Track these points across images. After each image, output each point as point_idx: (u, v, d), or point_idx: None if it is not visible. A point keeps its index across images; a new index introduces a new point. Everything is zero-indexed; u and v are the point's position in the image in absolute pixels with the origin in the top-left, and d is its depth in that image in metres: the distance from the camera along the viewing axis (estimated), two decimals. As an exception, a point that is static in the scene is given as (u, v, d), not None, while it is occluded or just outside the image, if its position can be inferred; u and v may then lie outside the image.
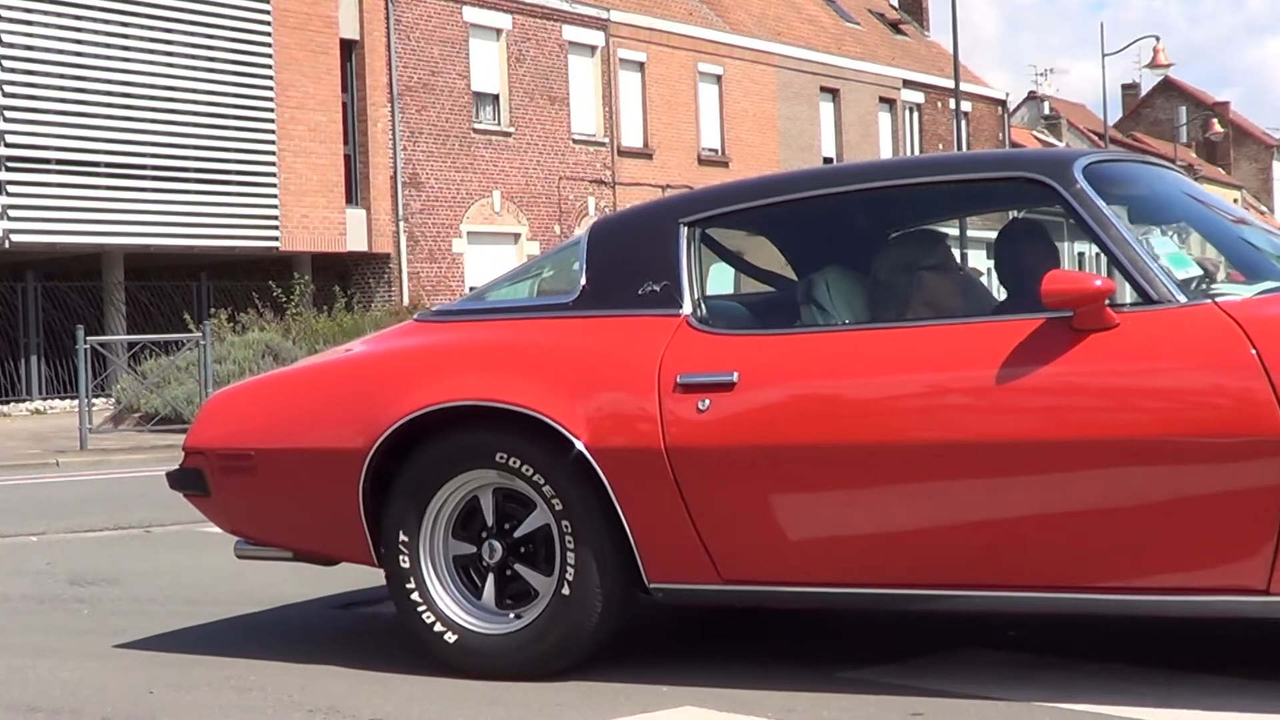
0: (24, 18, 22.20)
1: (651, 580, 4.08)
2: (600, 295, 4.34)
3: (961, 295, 4.43)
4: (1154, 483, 3.54)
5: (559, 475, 4.09)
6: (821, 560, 3.90)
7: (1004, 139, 45.28)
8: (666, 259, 4.28)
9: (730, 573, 4.00)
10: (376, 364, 4.62)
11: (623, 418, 4.05)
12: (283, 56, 25.44)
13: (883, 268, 4.47)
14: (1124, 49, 45.53)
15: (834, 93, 38.45)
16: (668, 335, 4.12)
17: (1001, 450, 3.64)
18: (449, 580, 4.33)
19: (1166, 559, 3.57)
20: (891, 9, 45.68)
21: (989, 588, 3.75)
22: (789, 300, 4.47)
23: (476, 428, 4.22)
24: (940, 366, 3.79)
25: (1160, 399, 3.54)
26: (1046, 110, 63.07)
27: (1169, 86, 69.84)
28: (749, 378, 3.94)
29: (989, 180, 4.28)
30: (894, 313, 4.28)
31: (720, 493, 3.96)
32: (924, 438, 3.73)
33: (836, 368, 3.91)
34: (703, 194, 4.56)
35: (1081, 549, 3.63)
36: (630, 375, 4.08)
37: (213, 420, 4.82)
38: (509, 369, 4.24)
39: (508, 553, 4.26)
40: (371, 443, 4.29)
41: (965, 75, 37.92)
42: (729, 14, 36.58)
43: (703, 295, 4.24)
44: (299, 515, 4.63)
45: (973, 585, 3.77)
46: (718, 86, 34.92)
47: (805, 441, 3.85)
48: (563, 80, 30.83)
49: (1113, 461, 3.56)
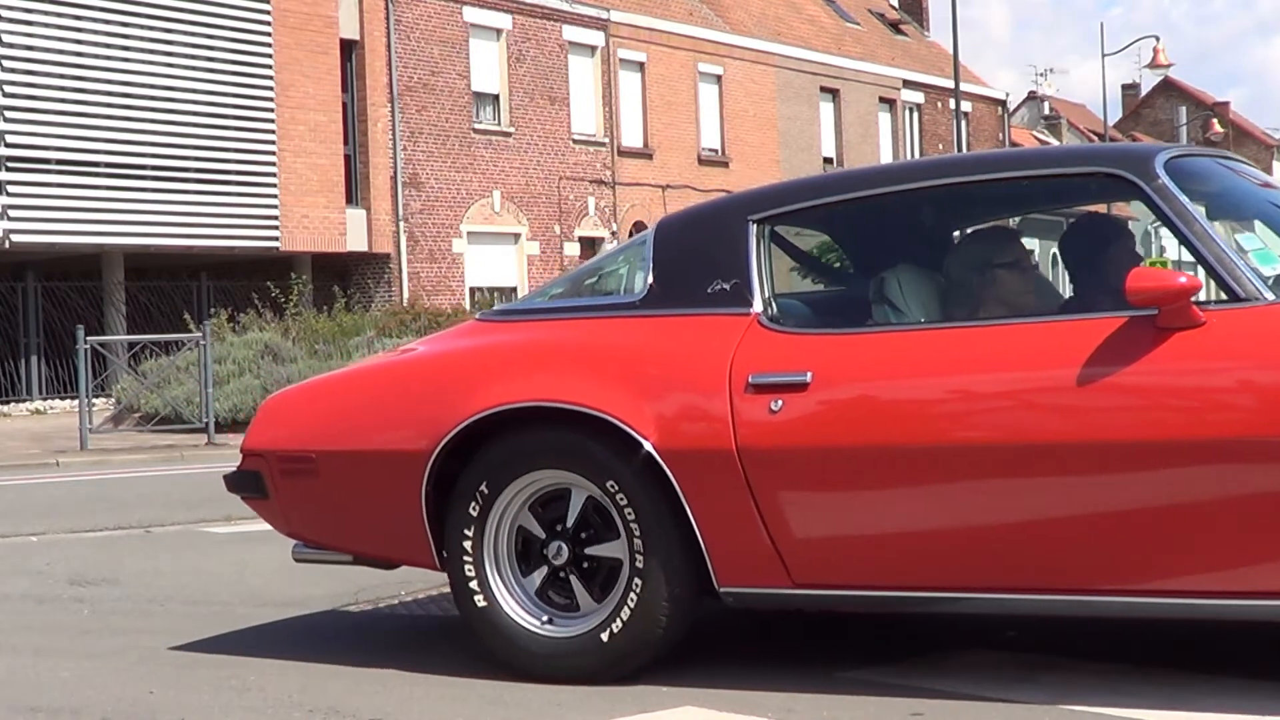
0: (24, 18, 22.19)
1: (721, 584, 4.00)
2: (668, 294, 4.27)
3: (1035, 293, 4.34)
4: (1243, 482, 3.46)
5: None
6: (898, 563, 3.83)
7: (1004, 139, 45.28)
8: (736, 257, 4.20)
9: (802, 576, 3.92)
10: (439, 364, 4.56)
11: (693, 418, 3.98)
12: (283, 56, 25.43)
13: (956, 265, 4.39)
14: (1124, 49, 45.57)
15: (834, 93, 38.44)
16: (738, 334, 4.05)
17: (1088, 451, 3.58)
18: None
19: (1258, 559, 3.49)
20: (891, 9, 45.67)
21: (1071, 591, 3.69)
22: (860, 298, 4.35)
23: (542, 428, 4.15)
24: (1022, 366, 3.72)
25: (1249, 398, 3.48)
26: (1046, 110, 63.08)
27: (1169, 86, 69.81)
28: (823, 378, 3.87)
29: (1067, 175, 4.18)
30: (968, 311, 4.20)
31: (793, 494, 3.88)
32: (1005, 438, 3.66)
33: (913, 367, 3.84)
34: (772, 190, 4.49)
35: (1166, 551, 3.56)
36: (700, 375, 4.02)
37: (272, 422, 4.74)
38: (575, 369, 4.17)
39: (570, 561, 4.19)
40: (435, 444, 4.22)
41: (965, 75, 37.91)
42: (729, 14, 36.57)
43: (774, 294, 4.17)
44: (360, 518, 4.55)
45: (1055, 589, 3.70)
46: (718, 86, 34.92)
47: (881, 442, 3.78)
48: (563, 80, 30.82)
49: (1200, 461, 3.49)
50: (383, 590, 5.92)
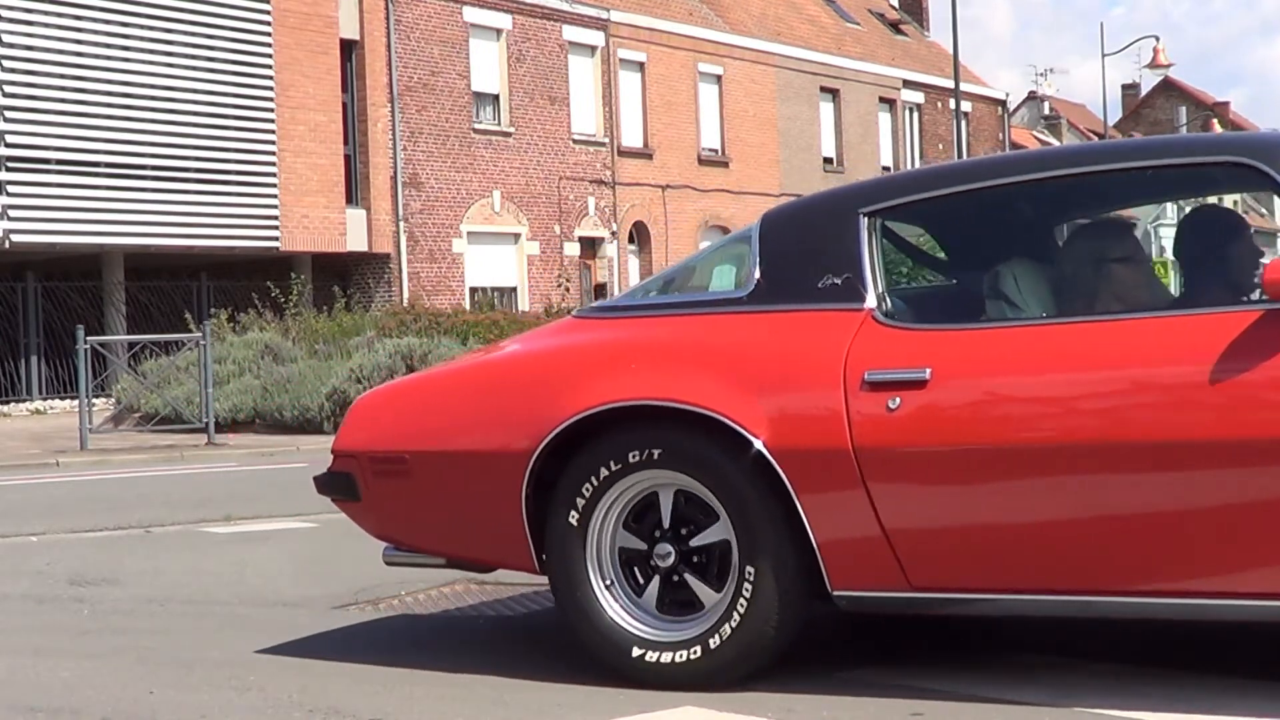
0: (24, 18, 22.20)
1: (835, 587, 3.89)
2: (776, 289, 4.14)
3: (1153, 287, 4.24)
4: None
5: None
6: (1021, 566, 3.72)
7: (1004, 139, 45.29)
8: (847, 251, 4.08)
9: (920, 579, 3.81)
10: (538, 362, 4.45)
11: (806, 416, 3.87)
12: (283, 56, 25.44)
13: (1071, 258, 4.30)
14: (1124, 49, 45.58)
15: (834, 93, 38.44)
16: (852, 330, 3.94)
17: (1231, 449, 3.47)
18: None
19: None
20: (891, 9, 45.68)
21: (1196, 595, 3.59)
22: (974, 292, 4.21)
23: (648, 427, 4.04)
24: (1153, 361, 3.61)
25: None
26: (1046, 110, 63.10)
27: (1169, 87, 69.82)
28: (942, 374, 3.77)
29: (1193, 165, 4.05)
30: (1086, 305, 4.11)
31: (911, 495, 3.78)
32: (1134, 436, 3.55)
33: (1035, 363, 3.74)
34: (882, 183, 4.40)
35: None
36: (814, 372, 3.91)
37: (363, 422, 4.62)
38: (681, 366, 4.07)
39: (679, 560, 4.07)
40: (536, 444, 4.11)
41: (965, 75, 37.91)
42: (729, 14, 36.57)
43: (887, 288, 4.06)
44: (455, 520, 4.43)
45: (1182, 592, 3.59)
46: (718, 86, 34.92)
47: (1003, 440, 3.68)
48: (563, 80, 30.82)
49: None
50: (383, 590, 5.92)
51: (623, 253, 32.41)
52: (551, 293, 28.54)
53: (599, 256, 31.90)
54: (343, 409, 16.73)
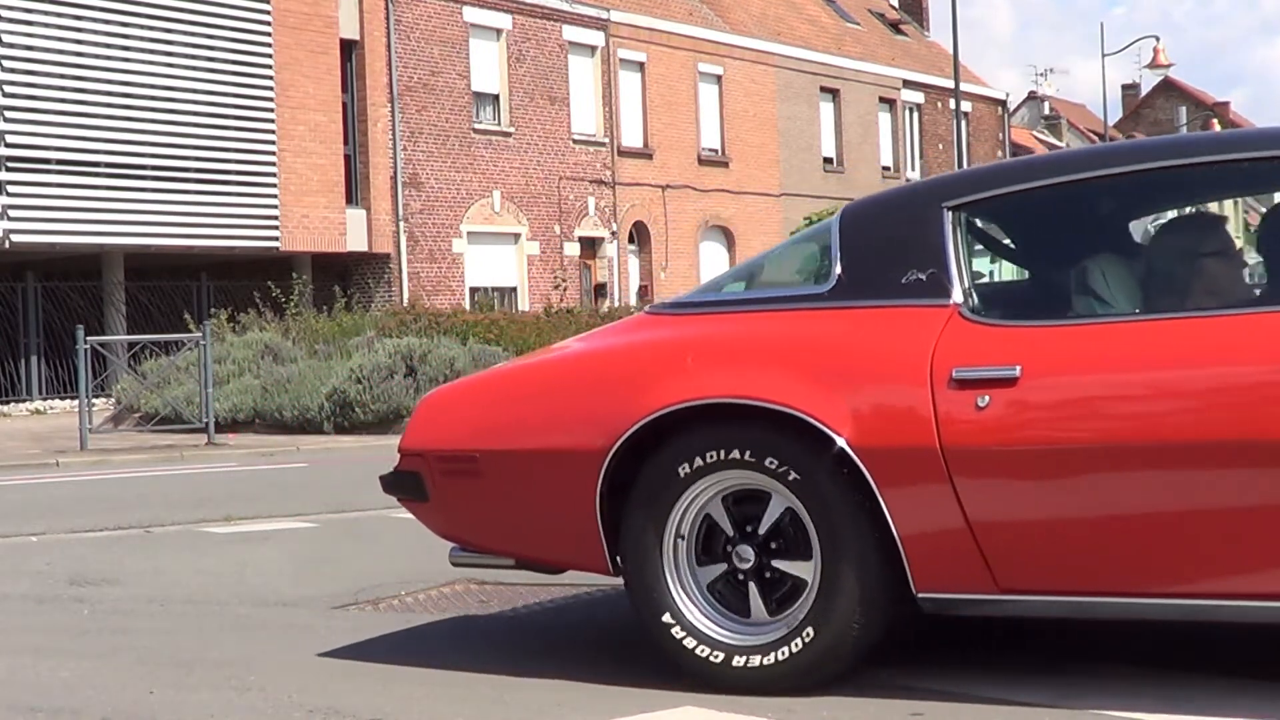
0: (24, 18, 22.20)
1: (920, 589, 3.80)
2: (858, 284, 4.04)
3: (1243, 283, 4.12)
4: None
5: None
6: (1114, 568, 3.63)
7: (1004, 139, 45.30)
8: (931, 245, 3.99)
9: (1009, 581, 3.72)
10: (611, 359, 4.35)
11: (891, 414, 3.78)
12: (283, 56, 25.44)
13: (1161, 253, 4.20)
14: (1124, 49, 45.57)
15: (834, 93, 38.45)
16: (938, 326, 3.85)
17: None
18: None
19: None
20: (891, 9, 45.69)
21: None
22: (1061, 288, 4.12)
23: (726, 426, 3.94)
24: (1249, 359, 3.52)
25: None
26: (1046, 110, 63.09)
27: (1169, 86, 69.81)
28: (1032, 371, 3.68)
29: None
30: (1177, 301, 3.98)
31: (1001, 495, 3.69)
32: (1231, 435, 3.46)
33: (1127, 360, 3.65)
34: (966, 177, 4.34)
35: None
36: (899, 369, 3.82)
37: (431, 421, 4.52)
38: (760, 363, 3.97)
39: (760, 562, 3.97)
40: (612, 443, 4.01)
41: (965, 75, 37.91)
42: (729, 14, 36.57)
43: (973, 284, 3.98)
44: (526, 521, 4.33)
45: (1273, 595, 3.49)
46: (718, 86, 34.92)
47: (1095, 439, 3.60)
48: (563, 80, 30.83)
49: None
50: (383, 590, 5.92)
51: (623, 253, 32.42)
52: (551, 293, 28.57)
53: (599, 256, 31.91)
54: (342, 409, 16.75)
